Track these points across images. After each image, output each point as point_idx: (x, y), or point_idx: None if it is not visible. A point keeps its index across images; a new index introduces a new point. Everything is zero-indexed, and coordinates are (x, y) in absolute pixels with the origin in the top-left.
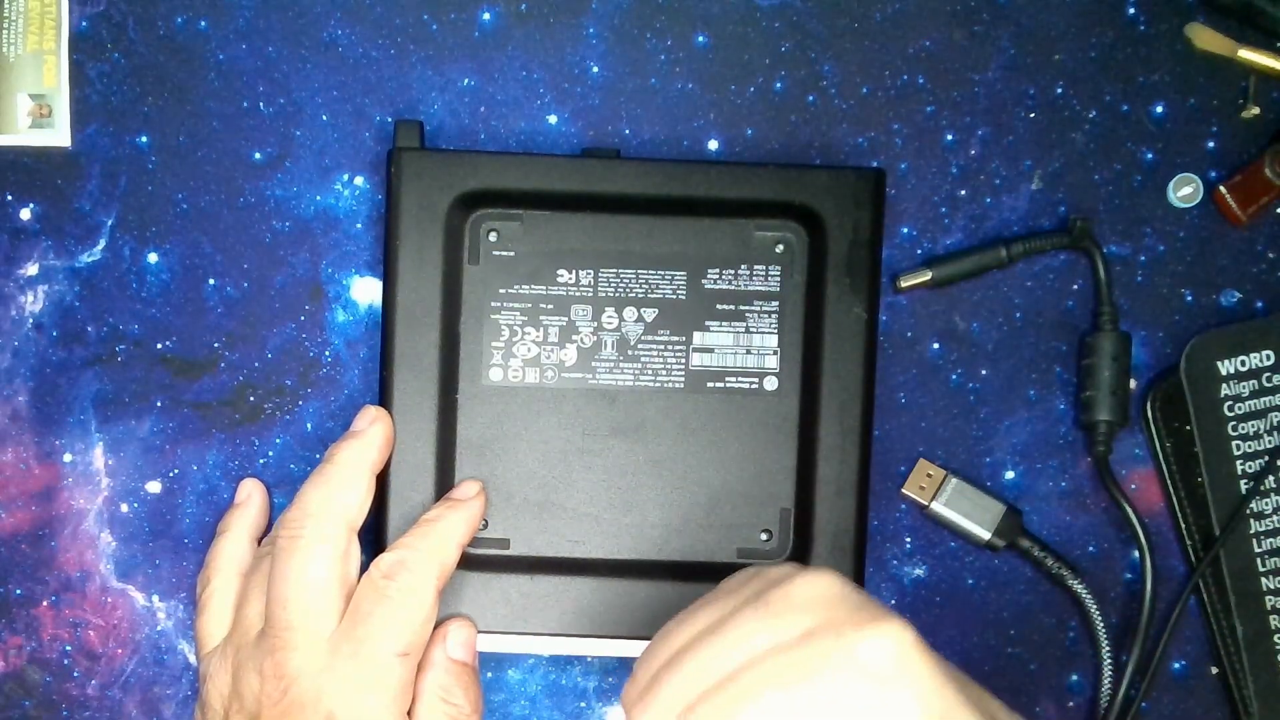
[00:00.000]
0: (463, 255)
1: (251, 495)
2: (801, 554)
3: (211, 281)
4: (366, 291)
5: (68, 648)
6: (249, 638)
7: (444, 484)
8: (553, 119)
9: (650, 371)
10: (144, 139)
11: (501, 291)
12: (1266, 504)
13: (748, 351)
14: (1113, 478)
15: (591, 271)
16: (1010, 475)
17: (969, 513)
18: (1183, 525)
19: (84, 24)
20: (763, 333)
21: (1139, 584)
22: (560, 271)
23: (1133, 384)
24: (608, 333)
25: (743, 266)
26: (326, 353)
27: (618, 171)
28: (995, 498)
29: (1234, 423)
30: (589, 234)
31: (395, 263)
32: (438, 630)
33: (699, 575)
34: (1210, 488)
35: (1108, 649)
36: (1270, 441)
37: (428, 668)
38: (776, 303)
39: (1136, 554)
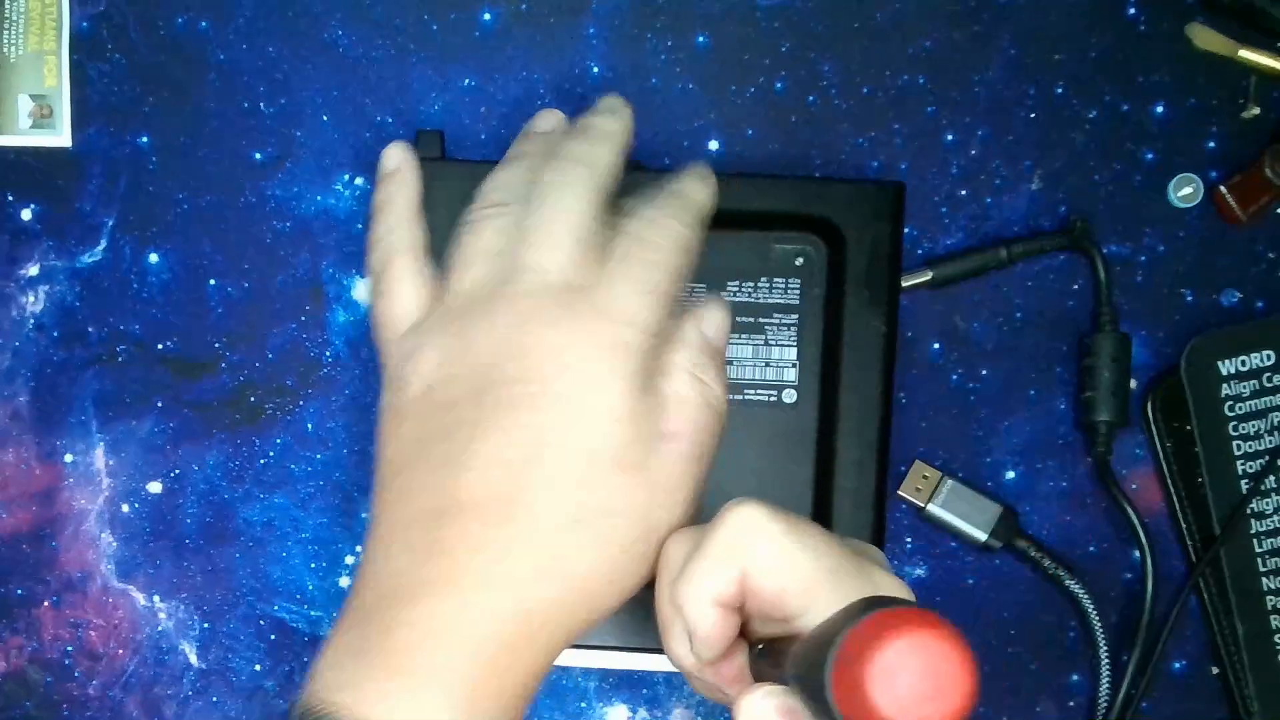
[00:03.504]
0: None
1: (401, 165)
2: None
3: (212, 282)
4: (367, 292)
5: (69, 648)
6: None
7: None
8: None
9: None
10: (144, 139)
11: None
12: (1266, 504)
13: (766, 364)
14: (1113, 478)
15: None
16: (1010, 475)
17: (965, 514)
18: (1183, 525)
19: (84, 24)
20: (782, 345)
21: (1139, 584)
22: None
23: (1133, 384)
24: None
25: (762, 279)
26: (327, 353)
27: (637, 184)
28: (991, 499)
29: (1234, 423)
30: None
31: None
32: (692, 311)
33: None
34: (1210, 488)
35: (1105, 649)
36: (1270, 441)
37: (680, 344)
38: (796, 315)
39: (1136, 554)
